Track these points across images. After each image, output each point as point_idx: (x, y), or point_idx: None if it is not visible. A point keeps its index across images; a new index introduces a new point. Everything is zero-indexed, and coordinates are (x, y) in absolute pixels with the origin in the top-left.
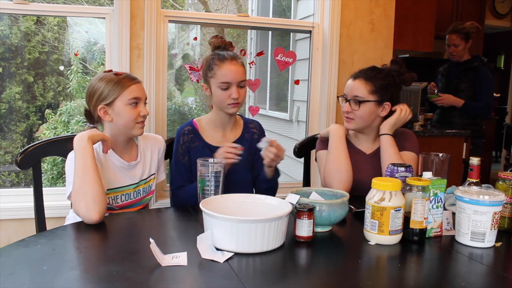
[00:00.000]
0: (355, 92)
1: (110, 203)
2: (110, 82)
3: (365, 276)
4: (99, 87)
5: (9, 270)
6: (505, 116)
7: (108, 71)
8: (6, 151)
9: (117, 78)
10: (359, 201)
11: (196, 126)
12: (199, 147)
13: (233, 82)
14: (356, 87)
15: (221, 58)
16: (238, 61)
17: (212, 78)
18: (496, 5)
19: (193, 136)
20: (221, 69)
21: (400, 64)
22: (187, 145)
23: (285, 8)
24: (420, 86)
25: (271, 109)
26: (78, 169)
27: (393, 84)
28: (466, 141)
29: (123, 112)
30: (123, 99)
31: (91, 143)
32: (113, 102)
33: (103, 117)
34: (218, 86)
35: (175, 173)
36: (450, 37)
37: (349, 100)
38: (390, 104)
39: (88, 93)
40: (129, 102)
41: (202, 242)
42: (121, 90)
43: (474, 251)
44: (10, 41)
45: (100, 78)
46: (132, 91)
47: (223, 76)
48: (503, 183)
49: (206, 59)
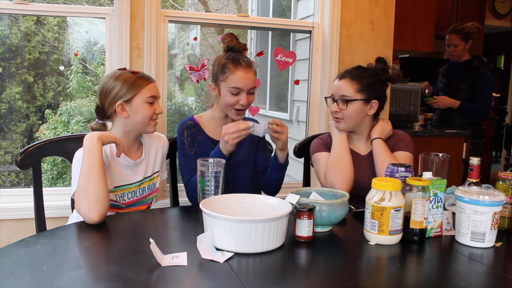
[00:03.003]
0: (341, 92)
1: (118, 201)
2: (128, 80)
3: (365, 276)
4: (116, 85)
5: (9, 270)
6: (505, 116)
7: (122, 69)
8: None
9: (134, 77)
10: (359, 201)
11: (198, 121)
12: (203, 141)
13: (244, 89)
14: (342, 87)
15: (236, 63)
16: (252, 68)
17: (223, 81)
18: (496, 5)
19: (195, 130)
20: (234, 75)
21: (385, 62)
22: (191, 137)
23: (285, 8)
24: (420, 86)
25: (271, 109)
26: (84, 168)
27: (379, 82)
28: (466, 141)
29: (140, 109)
30: (141, 96)
31: (100, 144)
32: (131, 99)
33: (120, 113)
34: (229, 91)
35: (185, 167)
36: (450, 37)
37: (336, 100)
38: (378, 102)
39: (104, 90)
40: (147, 100)
41: (202, 242)
42: (140, 88)
43: (474, 251)
44: (10, 41)
45: (117, 76)
46: (150, 90)
47: (235, 82)
48: (503, 183)
49: (219, 60)
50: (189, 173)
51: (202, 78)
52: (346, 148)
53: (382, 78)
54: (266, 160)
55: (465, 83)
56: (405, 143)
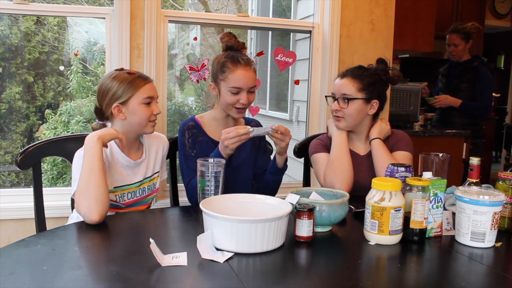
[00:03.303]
0: (343, 90)
1: (117, 201)
2: (124, 81)
3: (365, 276)
4: (112, 86)
5: (9, 270)
6: (505, 116)
7: (120, 69)
8: (6, 151)
9: (131, 77)
10: (359, 201)
11: (199, 121)
12: (204, 142)
13: (244, 88)
14: (344, 85)
15: (235, 62)
16: (252, 67)
17: (223, 81)
18: (496, 5)
19: (196, 131)
20: (234, 73)
21: (386, 63)
22: (192, 138)
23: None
24: (420, 86)
25: (271, 109)
26: (85, 169)
27: (379, 82)
28: (466, 141)
29: (137, 111)
30: (137, 98)
31: (101, 144)
32: (127, 101)
33: (116, 115)
34: (229, 90)
35: (186, 168)
36: (450, 36)
37: (337, 99)
38: (378, 102)
39: (101, 91)
40: (143, 101)
41: (202, 242)
42: (136, 89)
43: (474, 251)
44: (10, 41)
45: (114, 77)
46: (146, 90)
47: (235, 82)
48: (503, 183)
49: (218, 60)
50: (190, 174)
51: (202, 78)
52: (346, 148)
53: (383, 78)
54: (265, 162)
55: (465, 83)
56: (404, 143)
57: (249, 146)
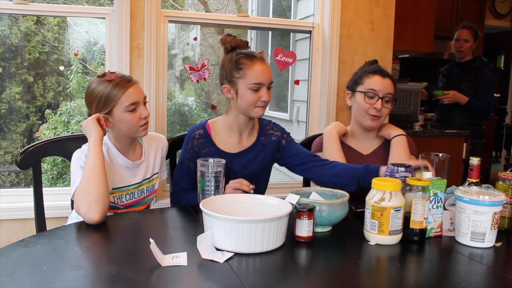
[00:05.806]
0: (389, 90)
1: (116, 202)
2: (105, 91)
3: (365, 276)
4: (95, 97)
5: (9, 270)
6: (505, 116)
7: (102, 75)
8: (6, 151)
9: (110, 85)
10: (359, 201)
11: (209, 129)
12: (210, 153)
13: (265, 83)
14: (389, 85)
15: (251, 57)
16: (267, 61)
17: (241, 78)
18: (496, 5)
19: (204, 141)
20: (252, 69)
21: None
22: (195, 150)
23: (285, 8)
24: (420, 86)
25: (271, 109)
26: (86, 169)
27: None
28: (466, 141)
29: (123, 119)
30: (120, 106)
31: (101, 144)
32: (111, 111)
33: (104, 126)
34: (249, 87)
35: (179, 174)
36: (462, 31)
37: (382, 98)
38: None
39: (87, 101)
40: (126, 109)
41: (202, 242)
42: (116, 97)
43: (474, 251)
44: (10, 41)
45: (93, 88)
46: (128, 97)
47: (255, 77)
48: (503, 183)
49: (229, 59)
50: (181, 183)
51: (202, 78)
52: (336, 144)
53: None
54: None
55: (466, 83)
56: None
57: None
